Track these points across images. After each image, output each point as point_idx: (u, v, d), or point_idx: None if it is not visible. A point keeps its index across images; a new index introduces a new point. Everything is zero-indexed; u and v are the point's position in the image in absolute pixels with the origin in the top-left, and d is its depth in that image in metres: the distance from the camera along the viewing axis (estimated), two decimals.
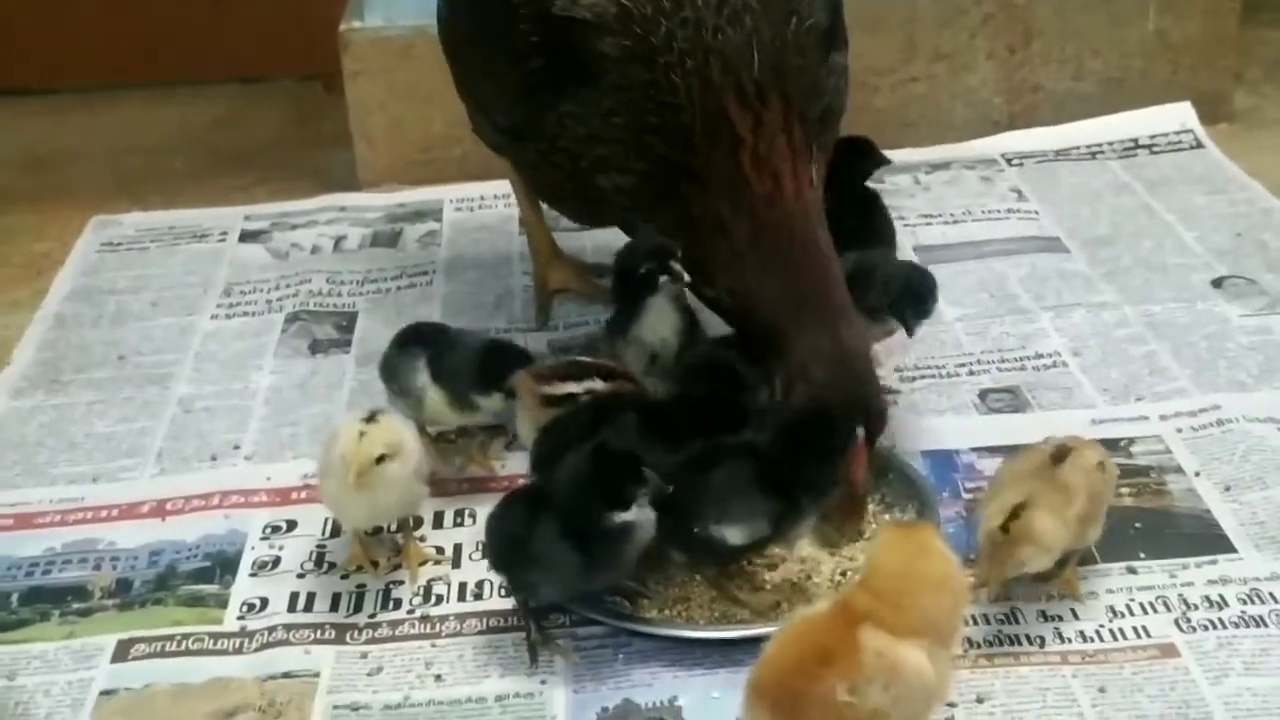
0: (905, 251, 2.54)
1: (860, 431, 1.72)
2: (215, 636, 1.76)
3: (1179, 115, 3.01)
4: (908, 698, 1.41)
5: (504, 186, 2.77)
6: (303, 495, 1.98)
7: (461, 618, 1.76)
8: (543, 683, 1.65)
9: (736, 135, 1.89)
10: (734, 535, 1.67)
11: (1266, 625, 1.67)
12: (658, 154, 1.92)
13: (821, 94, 1.98)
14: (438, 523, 1.92)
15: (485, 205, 2.87)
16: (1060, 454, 1.68)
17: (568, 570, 1.63)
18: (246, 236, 2.80)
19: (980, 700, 1.59)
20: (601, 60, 1.92)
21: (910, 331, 2.00)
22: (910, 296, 1.99)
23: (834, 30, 2.04)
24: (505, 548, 1.68)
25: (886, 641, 1.40)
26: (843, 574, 1.76)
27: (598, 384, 1.88)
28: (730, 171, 1.89)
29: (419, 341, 2.03)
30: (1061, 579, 1.72)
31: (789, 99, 1.91)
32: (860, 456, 1.74)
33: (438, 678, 1.67)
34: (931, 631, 1.43)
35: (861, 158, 2.26)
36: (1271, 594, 1.71)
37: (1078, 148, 2.96)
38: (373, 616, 1.77)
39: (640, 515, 1.62)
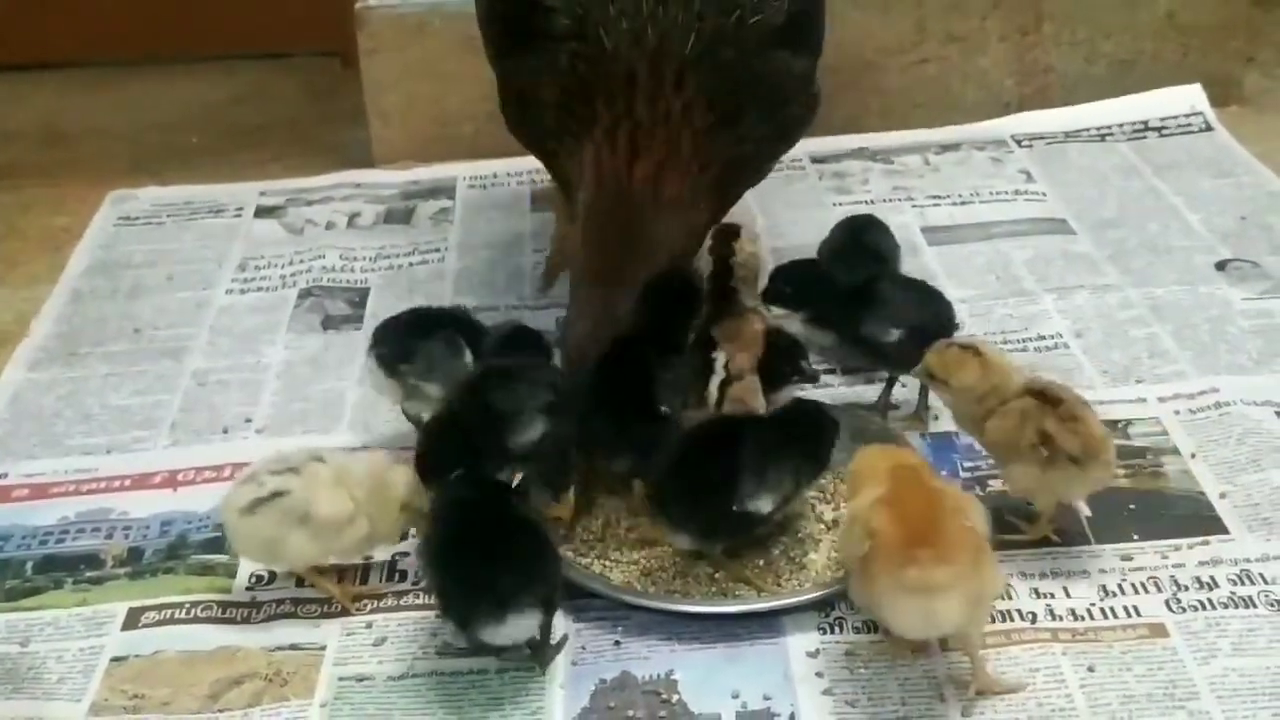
0: (912, 231, 2.57)
1: None
2: (224, 605, 1.79)
3: (1189, 98, 3.00)
4: None
5: (517, 164, 2.80)
6: None
7: None
8: None
9: (630, 108, 1.89)
10: (765, 505, 1.71)
11: (1255, 606, 1.69)
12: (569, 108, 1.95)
13: (756, 89, 1.94)
14: None
15: (498, 183, 2.90)
16: None
17: None
18: (262, 212, 2.83)
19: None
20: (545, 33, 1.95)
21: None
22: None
23: (794, 32, 1.97)
24: None
25: None
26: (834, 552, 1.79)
27: None
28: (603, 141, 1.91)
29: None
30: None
31: (706, 90, 1.90)
32: None
33: (440, 649, 1.71)
34: None
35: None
36: (1261, 575, 1.74)
37: (1087, 130, 2.97)
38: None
39: None
